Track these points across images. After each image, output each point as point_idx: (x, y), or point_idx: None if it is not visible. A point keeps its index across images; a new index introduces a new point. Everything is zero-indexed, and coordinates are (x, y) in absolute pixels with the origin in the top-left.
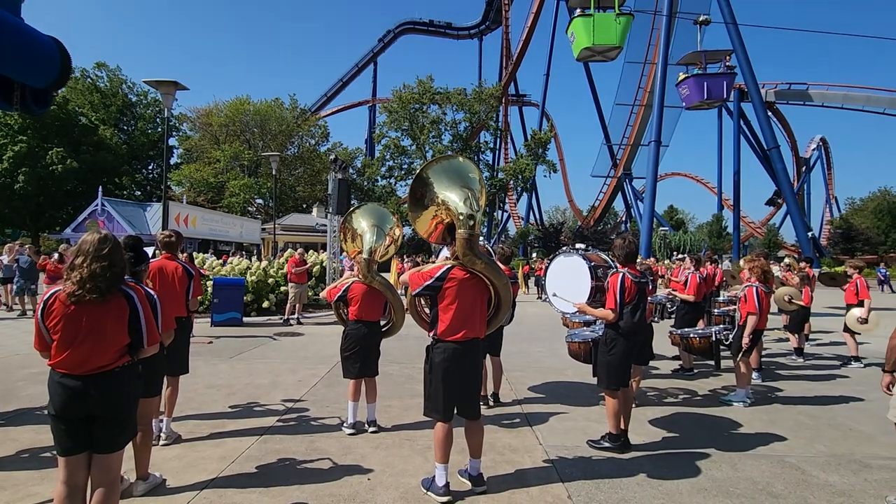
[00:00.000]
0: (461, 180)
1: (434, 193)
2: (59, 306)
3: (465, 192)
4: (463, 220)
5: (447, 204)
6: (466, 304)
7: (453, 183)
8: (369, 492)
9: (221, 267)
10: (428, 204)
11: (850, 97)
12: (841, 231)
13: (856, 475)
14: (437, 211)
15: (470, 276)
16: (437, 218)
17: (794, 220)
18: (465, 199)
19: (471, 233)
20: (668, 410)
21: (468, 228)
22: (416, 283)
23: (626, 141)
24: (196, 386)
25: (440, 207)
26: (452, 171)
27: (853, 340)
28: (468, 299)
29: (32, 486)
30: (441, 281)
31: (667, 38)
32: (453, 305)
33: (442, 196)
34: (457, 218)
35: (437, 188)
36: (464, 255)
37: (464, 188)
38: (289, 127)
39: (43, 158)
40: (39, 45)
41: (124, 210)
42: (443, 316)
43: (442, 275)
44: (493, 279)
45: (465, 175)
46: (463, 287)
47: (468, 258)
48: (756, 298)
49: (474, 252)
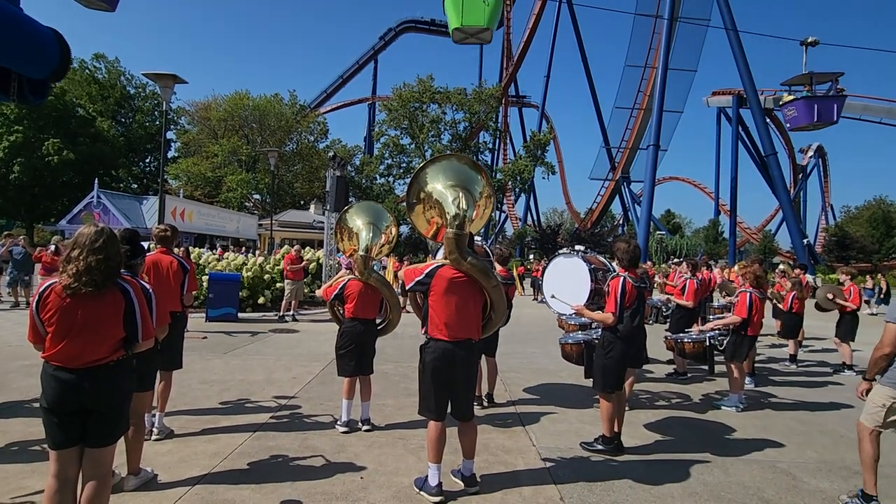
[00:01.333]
0: (455, 180)
1: (427, 192)
2: (54, 298)
3: (455, 192)
4: (450, 220)
5: (441, 203)
6: (456, 303)
7: (447, 182)
8: (361, 490)
9: (217, 262)
10: (421, 201)
11: (848, 106)
12: (836, 238)
13: (846, 482)
14: (430, 209)
15: (460, 276)
16: (429, 216)
17: (789, 227)
18: (454, 199)
19: (457, 233)
20: (662, 414)
21: (455, 228)
22: (409, 278)
23: (625, 144)
24: (190, 381)
25: (432, 206)
26: (450, 171)
27: (847, 348)
28: (458, 299)
29: (23, 479)
30: (429, 278)
31: (667, 43)
32: (442, 304)
33: (435, 195)
34: (445, 217)
35: (429, 186)
36: (450, 253)
37: (455, 188)
38: (288, 123)
39: (39, 149)
40: (39, 36)
41: (120, 203)
42: (432, 314)
43: (429, 272)
44: (482, 280)
45: (459, 175)
46: (451, 287)
47: (454, 257)
48: (748, 304)
49: (460, 251)
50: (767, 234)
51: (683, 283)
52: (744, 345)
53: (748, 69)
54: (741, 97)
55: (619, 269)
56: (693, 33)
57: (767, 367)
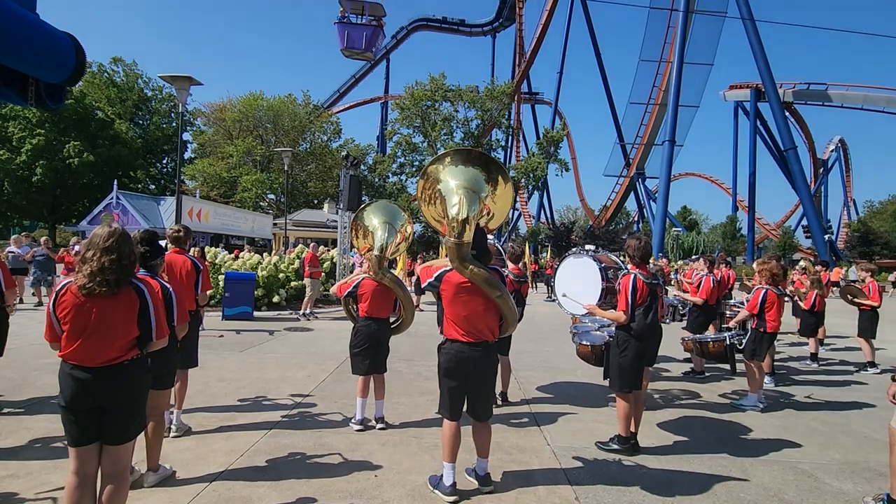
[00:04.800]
0: (463, 181)
1: (433, 191)
2: (69, 298)
3: (457, 196)
4: (451, 228)
5: (446, 206)
6: (467, 306)
7: (449, 184)
8: (376, 488)
9: (233, 261)
10: (427, 200)
11: (871, 98)
12: (859, 234)
13: (870, 483)
14: (437, 207)
15: (466, 281)
16: (436, 215)
17: (810, 223)
18: (454, 204)
19: (457, 241)
20: (678, 414)
21: (455, 236)
22: (424, 277)
23: (640, 140)
24: (207, 379)
25: (439, 204)
26: (455, 173)
27: (869, 346)
28: (469, 302)
29: (46, 474)
30: (438, 281)
31: (683, 36)
32: (452, 306)
33: (438, 196)
34: (447, 224)
35: (437, 185)
36: (451, 260)
37: (460, 190)
38: (301, 123)
39: (60, 152)
40: (55, 40)
41: (139, 203)
42: (446, 316)
43: (438, 276)
44: (486, 289)
45: (467, 177)
46: (460, 291)
47: (456, 265)
48: (760, 300)
49: (461, 260)
50: (787, 231)
51: (699, 280)
52: (763, 343)
53: (766, 61)
54: (759, 90)
55: (630, 267)
56: (709, 26)
57: (788, 366)
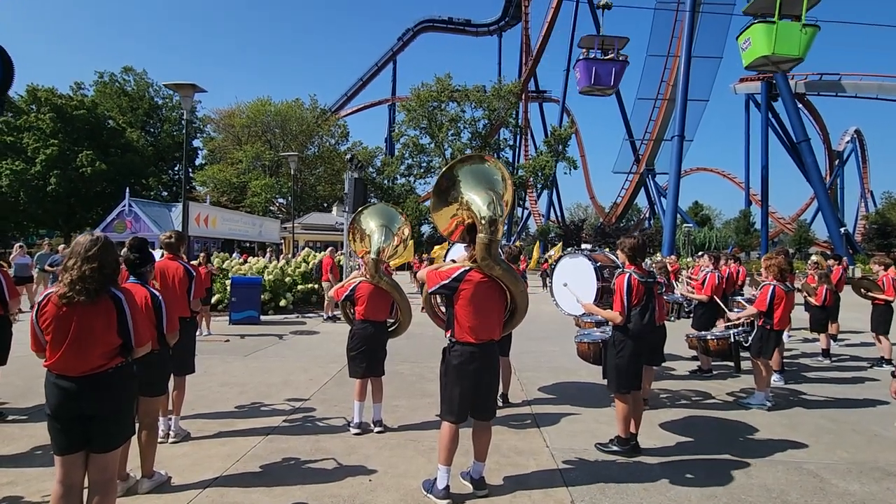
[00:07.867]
0: (488, 183)
1: (459, 192)
2: (50, 307)
3: (489, 196)
4: (485, 225)
5: (470, 205)
6: (483, 306)
7: (479, 185)
8: (370, 493)
9: (241, 266)
10: (451, 201)
11: (885, 87)
12: (876, 226)
13: (878, 483)
14: (459, 210)
15: (487, 279)
16: (457, 217)
17: (825, 216)
18: (489, 204)
19: (491, 238)
20: (682, 413)
21: (489, 233)
22: (432, 281)
23: (649, 136)
24: (210, 384)
25: (462, 207)
26: (480, 174)
27: (886, 342)
28: (485, 302)
29: (43, 482)
30: (457, 282)
31: (690, 30)
32: (469, 307)
33: (466, 196)
34: (479, 221)
35: (462, 187)
36: (482, 258)
37: (489, 191)
38: (309, 127)
39: (73, 161)
40: None
41: (151, 210)
42: (459, 318)
43: (458, 276)
44: (511, 286)
45: (491, 179)
46: (479, 290)
47: (486, 262)
48: (769, 297)
49: (493, 257)
50: (802, 224)
51: (704, 277)
52: (770, 340)
53: None
54: (770, 83)
55: (625, 266)
56: (717, 18)
57: (798, 363)
